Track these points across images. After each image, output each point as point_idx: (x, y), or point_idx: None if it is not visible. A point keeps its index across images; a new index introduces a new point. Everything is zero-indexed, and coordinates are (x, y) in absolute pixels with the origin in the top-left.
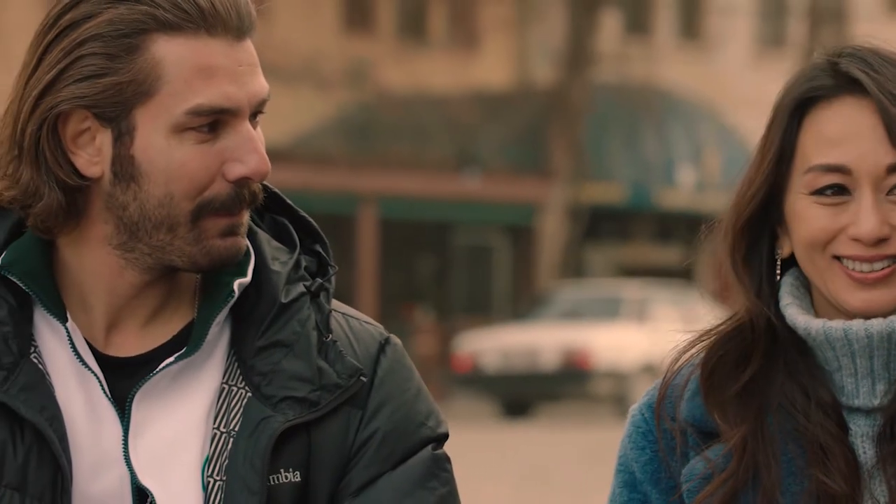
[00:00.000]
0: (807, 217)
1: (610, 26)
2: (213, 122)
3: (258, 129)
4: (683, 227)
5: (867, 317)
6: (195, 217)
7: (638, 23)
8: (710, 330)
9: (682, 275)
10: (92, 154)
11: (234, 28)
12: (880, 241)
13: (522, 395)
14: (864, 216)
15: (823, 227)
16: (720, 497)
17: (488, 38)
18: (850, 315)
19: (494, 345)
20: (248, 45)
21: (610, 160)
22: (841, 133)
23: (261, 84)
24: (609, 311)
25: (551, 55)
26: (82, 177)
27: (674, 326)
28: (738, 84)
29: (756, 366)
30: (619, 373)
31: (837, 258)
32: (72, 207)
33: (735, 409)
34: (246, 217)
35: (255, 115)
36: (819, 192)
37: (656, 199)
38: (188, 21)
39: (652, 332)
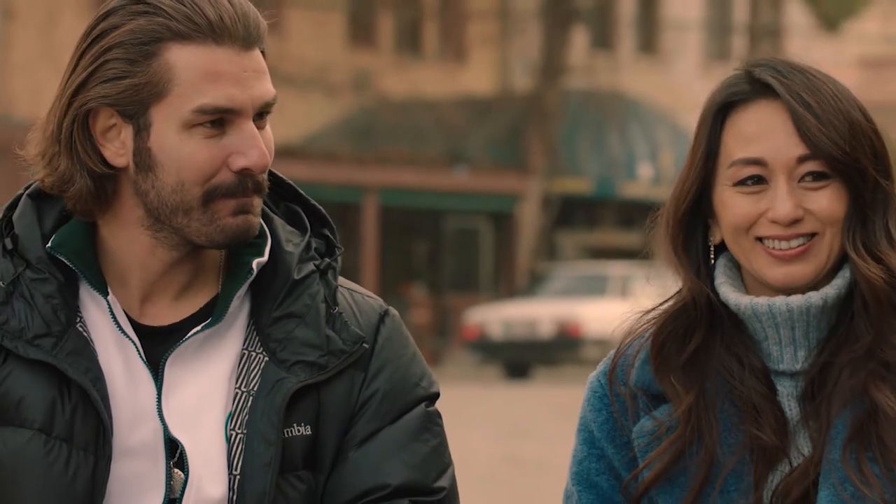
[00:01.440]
0: (731, 205)
1: (579, 42)
2: (219, 119)
3: (267, 128)
4: (642, 214)
5: (788, 290)
6: (205, 201)
7: (603, 39)
8: (656, 307)
9: (641, 256)
10: (118, 147)
11: (240, 38)
12: (795, 221)
13: (523, 359)
14: (780, 201)
15: (746, 213)
16: (670, 454)
17: (474, 51)
18: (774, 290)
19: (499, 316)
20: (255, 54)
21: (579, 157)
22: (757, 131)
23: (265, 88)
24: (597, 288)
25: (529, 66)
26: (109, 166)
27: (652, 300)
28: (689, 92)
29: (699, 339)
30: (605, 341)
31: (760, 239)
32: (100, 192)
33: (682, 379)
34: (257, 200)
35: (261, 115)
36: (741, 182)
37: (619, 191)
38: (198, 32)
39: (634, 306)
